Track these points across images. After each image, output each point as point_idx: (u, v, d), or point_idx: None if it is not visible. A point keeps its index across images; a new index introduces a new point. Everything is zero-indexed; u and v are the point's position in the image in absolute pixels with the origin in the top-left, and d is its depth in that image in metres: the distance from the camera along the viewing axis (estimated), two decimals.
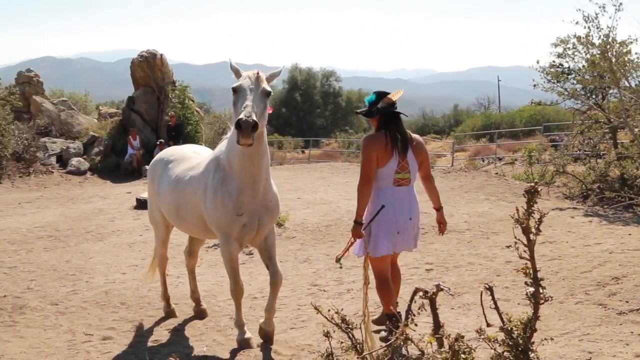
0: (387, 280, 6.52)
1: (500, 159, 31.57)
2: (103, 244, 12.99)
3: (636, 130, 9.11)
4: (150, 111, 28.01)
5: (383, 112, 6.47)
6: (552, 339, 4.26)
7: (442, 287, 3.09)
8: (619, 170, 15.21)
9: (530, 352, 2.78)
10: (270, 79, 6.28)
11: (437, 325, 2.97)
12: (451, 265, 9.70)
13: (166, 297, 8.33)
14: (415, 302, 3.16)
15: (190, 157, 7.69)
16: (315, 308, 3.02)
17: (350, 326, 3.17)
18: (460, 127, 55.71)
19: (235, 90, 6.08)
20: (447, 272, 9.35)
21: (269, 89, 6.13)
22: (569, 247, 10.30)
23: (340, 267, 6.37)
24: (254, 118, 5.68)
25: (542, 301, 2.81)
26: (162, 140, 25.58)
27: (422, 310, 3.08)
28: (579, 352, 5.96)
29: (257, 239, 6.95)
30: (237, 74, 6.29)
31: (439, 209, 6.81)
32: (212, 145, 27.17)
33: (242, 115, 5.66)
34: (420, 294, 3.04)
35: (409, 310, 3.08)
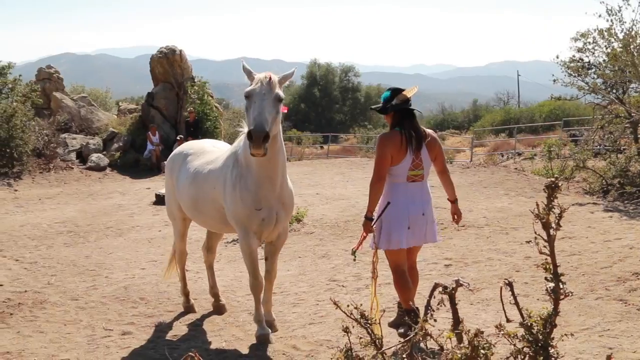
0: (404, 273, 6.55)
1: (519, 154, 31.44)
2: (122, 240, 13.07)
3: None
4: (170, 107, 28.09)
5: (397, 109, 6.46)
6: (572, 335, 4.23)
7: (461, 282, 3.08)
8: None
9: (550, 348, 2.77)
10: (282, 81, 6.29)
11: (457, 321, 2.96)
12: (470, 261, 9.68)
13: (185, 292, 8.36)
14: (434, 297, 3.15)
15: (209, 151, 7.71)
16: (335, 303, 3.02)
17: (369, 322, 3.17)
18: (479, 122, 55.48)
19: (248, 95, 6.06)
20: (466, 268, 9.33)
21: (281, 94, 6.15)
22: (588, 243, 10.23)
23: (354, 260, 6.41)
24: (266, 129, 5.74)
25: (562, 297, 2.80)
26: (182, 136, 25.62)
27: (441, 306, 3.06)
28: (599, 348, 5.93)
29: (274, 233, 6.98)
30: (250, 76, 6.26)
31: (454, 201, 6.82)
32: (232, 140, 27.27)
33: (253, 126, 5.73)
34: (440, 289, 3.03)
35: (428, 306, 3.07)
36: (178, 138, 25.41)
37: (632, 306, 7.11)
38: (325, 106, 73.33)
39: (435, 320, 3.11)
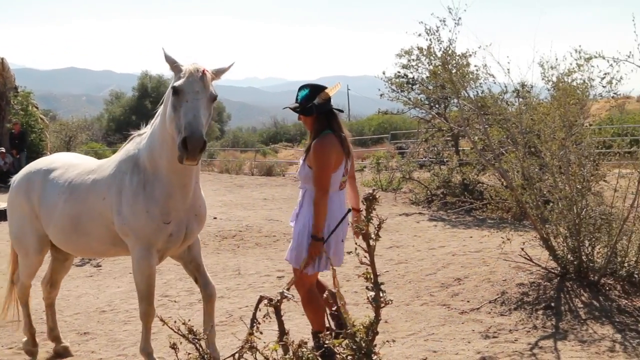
0: (316, 292, 5.80)
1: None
2: None
3: (475, 138, 9.57)
4: None
5: (324, 110, 5.63)
6: (393, 341, 4.39)
7: (285, 294, 3.12)
8: (461, 176, 15.95)
9: (372, 355, 2.86)
10: (216, 76, 5.34)
11: (282, 333, 3.00)
12: None
13: (32, 332, 6.96)
14: (260, 310, 3.16)
15: (80, 163, 6.51)
16: (161, 319, 2.97)
17: (197, 337, 3.14)
18: None
19: (178, 91, 5.07)
20: None
21: (215, 92, 5.23)
22: (415, 251, 10.66)
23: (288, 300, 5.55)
24: (204, 136, 4.87)
25: (382, 305, 2.90)
26: (3, 149, 24.42)
27: (267, 318, 3.08)
28: (424, 352, 6.18)
29: (181, 250, 6.07)
30: (175, 67, 5.26)
31: (359, 210, 6.00)
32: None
33: (189, 133, 4.82)
34: (265, 301, 3.05)
35: (254, 319, 3.07)
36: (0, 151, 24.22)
37: (454, 310, 7.47)
38: None
39: (261, 333, 3.13)
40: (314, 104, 5.60)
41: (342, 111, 6.01)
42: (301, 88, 5.79)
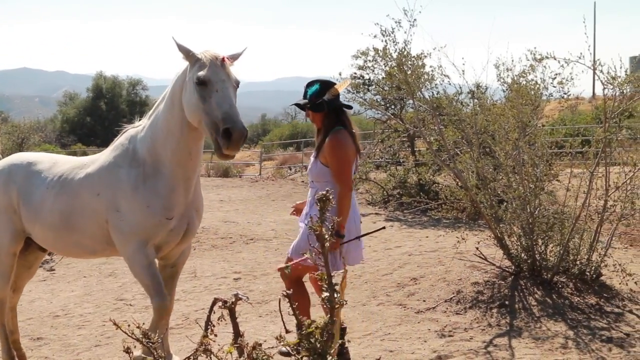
0: (302, 287, 5.76)
1: (306, 168, 32.29)
2: None
3: (430, 138, 9.65)
4: None
5: (335, 106, 5.54)
6: (349, 341, 4.39)
7: (240, 296, 3.10)
8: (416, 177, 16.07)
9: (328, 356, 2.87)
10: (232, 62, 5.17)
11: (237, 335, 2.99)
12: (259, 273, 9.78)
13: (11, 356, 6.30)
14: (214, 312, 3.14)
15: (67, 159, 6.11)
16: (115, 324, 2.93)
17: (152, 341, 3.11)
18: (268, 136, 56.48)
19: (204, 81, 4.87)
20: (255, 281, 9.41)
21: (238, 78, 5.11)
22: (371, 251, 10.69)
23: (288, 272, 5.31)
24: (244, 125, 4.75)
25: (337, 305, 2.91)
26: None
27: (222, 321, 3.07)
28: (381, 352, 6.20)
29: (178, 249, 5.73)
30: (191, 57, 5.06)
31: None
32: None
33: (231, 123, 4.68)
34: (220, 303, 3.03)
35: (208, 321, 3.04)
36: None
37: (410, 310, 7.52)
38: (112, 120, 71.23)
39: (215, 335, 3.11)
40: (324, 99, 5.50)
41: (350, 107, 5.92)
42: (310, 84, 5.68)
